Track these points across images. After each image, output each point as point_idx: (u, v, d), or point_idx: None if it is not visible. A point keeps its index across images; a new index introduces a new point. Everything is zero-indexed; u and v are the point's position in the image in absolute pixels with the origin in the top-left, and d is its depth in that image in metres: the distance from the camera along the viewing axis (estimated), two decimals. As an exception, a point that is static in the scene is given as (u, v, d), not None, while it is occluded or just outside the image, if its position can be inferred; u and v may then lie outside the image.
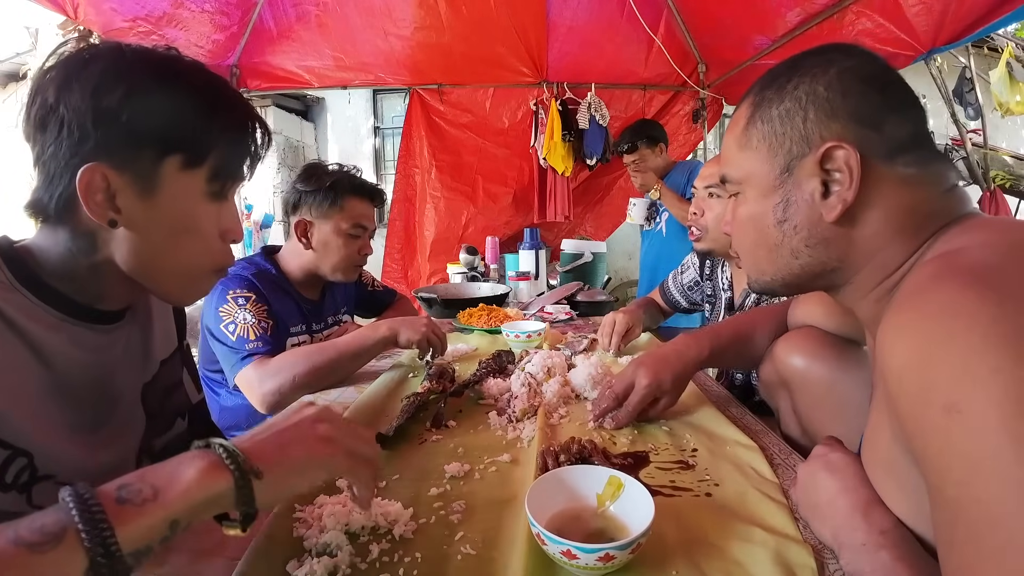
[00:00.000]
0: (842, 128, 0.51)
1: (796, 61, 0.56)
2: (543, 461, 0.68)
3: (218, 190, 0.59)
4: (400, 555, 0.53)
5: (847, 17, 1.99)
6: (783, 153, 0.54)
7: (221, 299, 1.13)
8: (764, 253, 0.58)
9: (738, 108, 0.60)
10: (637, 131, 2.42)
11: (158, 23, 2.25)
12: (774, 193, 0.55)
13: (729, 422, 0.83)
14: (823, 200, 0.52)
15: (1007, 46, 3.13)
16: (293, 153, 5.07)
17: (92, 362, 0.61)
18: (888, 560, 0.45)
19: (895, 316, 0.44)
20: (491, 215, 3.42)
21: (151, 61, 0.56)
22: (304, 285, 1.33)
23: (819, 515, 0.55)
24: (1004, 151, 3.40)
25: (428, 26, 2.82)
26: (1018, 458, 0.33)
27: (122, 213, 0.54)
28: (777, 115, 0.54)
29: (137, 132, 0.53)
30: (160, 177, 0.55)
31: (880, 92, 0.52)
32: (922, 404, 0.39)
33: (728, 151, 0.61)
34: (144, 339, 0.72)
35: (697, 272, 1.49)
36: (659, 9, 2.77)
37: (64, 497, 0.35)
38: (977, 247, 0.44)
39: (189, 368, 0.85)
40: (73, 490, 0.35)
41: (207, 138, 0.57)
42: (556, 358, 1.06)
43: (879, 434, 0.51)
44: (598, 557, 0.47)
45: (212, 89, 0.58)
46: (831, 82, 0.52)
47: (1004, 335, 0.36)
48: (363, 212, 1.31)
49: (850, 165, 0.50)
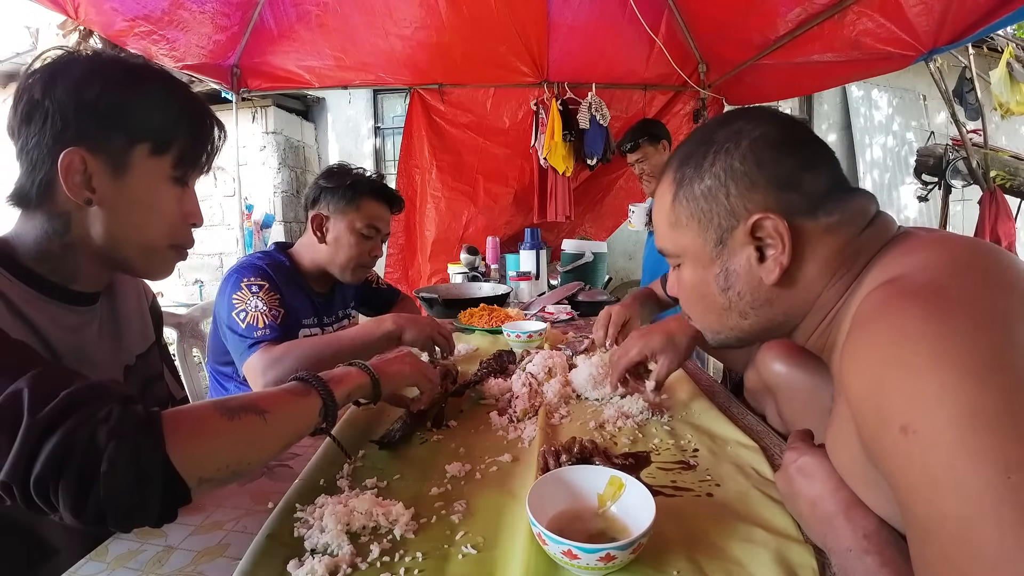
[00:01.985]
0: (763, 197, 0.53)
1: (707, 135, 0.58)
2: (544, 461, 0.68)
3: (180, 175, 0.67)
4: (401, 555, 0.53)
5: (848, 17, 1.99)
6: (713, 228, 0.56)
7: (235, 287, 1.13)
8: (714, 317, 0.61)
9: (661, 182, 0.62)
10: (639, 130, 2.42)
11: (159, 23, 2.25)
12: (712, 264, 0.58)
13: (730, 422, 0.84)
14: (760, 264, 0.55)
15: (1007, 46, 3.13)
16: (294, 153, 5.07)
17: (71, 341, 0.65)
18: (874, 565, 0.46)
19: (849, 346, 0.46)
20: (492, 215, 3.42)
21: (124, 64, 0.64)
22: (315, 279, 1.34)
23: (805, 522, 0.55)
24: (1004, 151, 3.40)
25: (429, 26, 2.82)
26: (976, 471, 0.33)
27: (96, 192, 0.61)
28: (700, 193, 0.56)
29: (111, 121, 0.60)
30: (131, 161, 0.62)
31: (792, 155, 0.54)
32: (881, 428, 0.40)
33: (660, 227, 0.63)
34: (115, 328, 0.75)
35: None
36: (660, 9, 2.77)
37: (301, 377, 0.65)
38: (920, 270, 0.46)
39: (168, 365, 0.87)
40: (304, 374, 0.65)
41: (172, 129, 0.64)
42: (557, 358, 1.06)
43: (846, 446, 0.51)
44: (599, 557, 0.47)
45: (176, 89, 0.67)
46: (745, 155, 0.54)
47: (949, 351, 0.37)
48: (379, 214, 1.33)
49: (779, 232, 0.52)
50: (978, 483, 0.33)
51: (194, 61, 2.59)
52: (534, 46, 2.99)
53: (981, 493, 0.33)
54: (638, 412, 0.88)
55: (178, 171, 0.66)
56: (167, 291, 4.80)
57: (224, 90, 2.94)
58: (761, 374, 0.83)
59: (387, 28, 2.83)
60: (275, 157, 4.81)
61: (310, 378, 0.64)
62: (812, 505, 0.54)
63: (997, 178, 3.09)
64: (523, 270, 2.23)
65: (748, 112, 0.58)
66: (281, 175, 4.86)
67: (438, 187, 3.32)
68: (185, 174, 0.67)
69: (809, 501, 0.54)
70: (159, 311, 0.90)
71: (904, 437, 0.37)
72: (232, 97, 2.97)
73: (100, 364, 0.69)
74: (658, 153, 2.39)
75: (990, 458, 0.33)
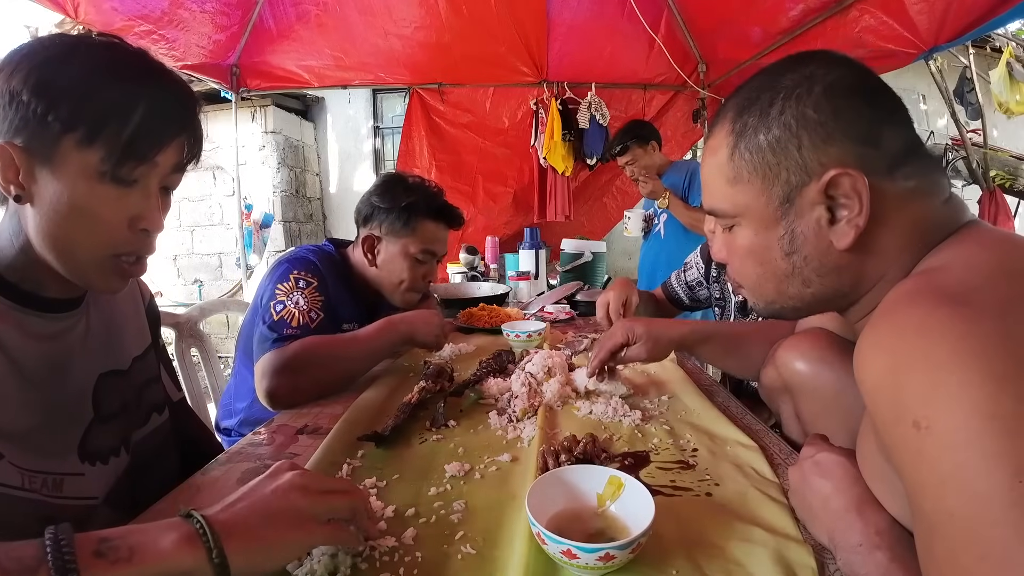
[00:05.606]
0: (840, 151, 0.48)
1: (771, 80, 0.52)
2: (543, 461, 0.68)
3: (114, 171, 0.57)
4: (400, 555, 0.53)
5: (850, 14, 1.99)
6: (780, 184, 0.51)
7: (283, 276, 1.09)
8: (772, 284, 0.56)
9: (713, 134, 0.57)
10: (626, 132, 2.44)
11: (158, 22, 2.26)
12: (776, 225, 0.53)
13: (729, 422, 0.83)
14: (831, 227, 0.50)
15: (1007, 46, 3.12)
16: (293, 153, 5.07)
17: (42, 350, 0.61)
18: (884, 561, 0.45)
19: (870, 333, 0.44)
20: (491, 215, 3.42)
21: (61, 44, 0.57)
22: (366, 285, 1.28)
23: (814, 517, 0.55)
24: (1004, 151, 3.40)
25: (428, 25, 2.82)
26: (988, 473, 0.33)
27: (25, 189, 0.56)
28: (767, 144, 0.51)
29: (36, 110, 0.54)
30: (58, 154, 0.55)
31: (869, 104, 0.50)
32: (895, 420, 0.39)
33: (714, 184, 0.57)
34: (106, 332, 0.71)
35: (701, 273, 1.48)
36: (659, 9, 2.77)
37: (46, 538, 0.37)
38: (961, 266, 0.44)
39: (166, 366, 0.85)
40: (54, 533, 0.37)
41: (99, 114, 0.55)
42: (556, 358, 1.06)
43: (867, 440, 0.51)
44: (598, 557, 0.47)
45: (114, 66, 0.58)
46: (819, 102, 0.49)
47: (972, 351, 0.36)
48: (437, 236, 1.24)
49: (858, 190, 0.48)
50: (989, 485, 0.33)
51: (194, 61, 2.59)
52: (533, 46, 2.99)
53: (991, 495, 0.33)
54: (613, 400, 0.91)
55: (109, 165, 0.56)
56: (166, 291, 4.80)
57: (224, 90, 2.94)
58: (781, 372, 0.79)
59: (386, 28, 2.83)
60: (274, 157, 4.81)
61: (56, 551, 0.36)
62: (824, 499, 0.53)
63: (997, 178, 3.09)
64: (522, 270, 2.23)
65: (818, 55, 0.52)
66: (280, 175, 4.86)
67: (438, 187, 3.31)
68: (122, 169, 0.57)
69: (822, 495, 0.53)
70: (156, 312, 0.87)
71: (917, 432, 0.37)
72: (231, 97, 2.97)
73: (75, 374, 0.65)
74: (647, 154, 2.39)
75: (1002, 461, 0.33)
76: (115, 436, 0.70)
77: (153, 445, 0.76)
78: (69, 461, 0.63)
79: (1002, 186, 3.07)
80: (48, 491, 0.60)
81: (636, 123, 2.53)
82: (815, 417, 0.76)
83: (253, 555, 0.43)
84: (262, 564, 0.44)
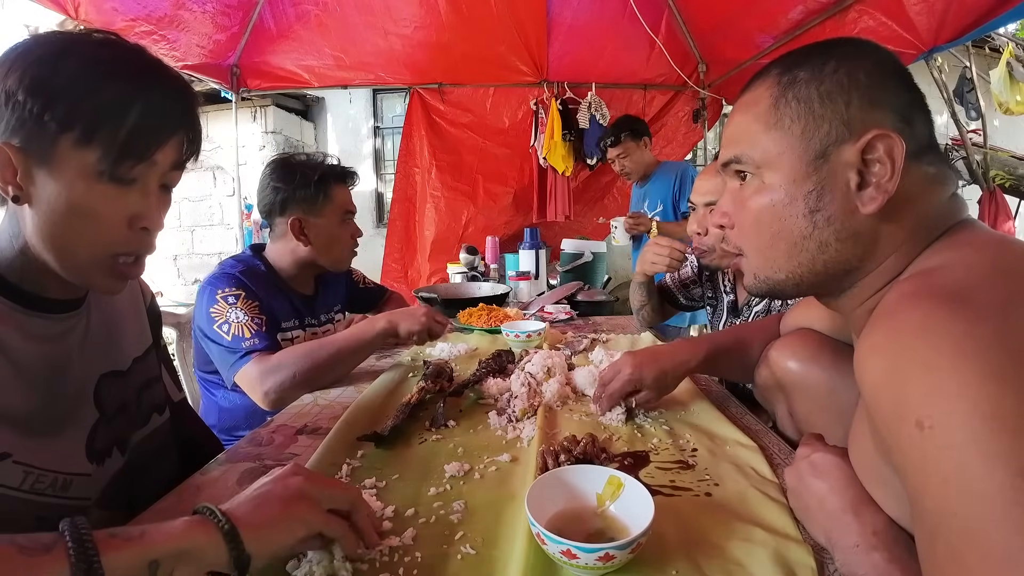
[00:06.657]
0: (883, 118, 0.49)
1: (828, 46, 0.53)
2: (543, 461, 0.68)
3: (112, 170, 0.56)
4: (400, 555, 0.53)
5: (849, 15, 2.00)
6: (819, 136, 0.51)
7: (211, 300, 1.12)
8: (784, 247, 0.54)
9: (755, 87, 0.56)
10: (619, 125, 2.47)
11: (159, 23, 2.26)
12: (806, 180, 0.51)
13: (729, 422, 0.83)
14: (858, 192, 0.50)
15: (1007, 46, 3.12)
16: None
17: (44, 351, 0.61)
18: (881, 562, 0.45)
19: (871, 334, 0.44)
20: (491, 215, 3.42)
21: (57, 41, 0.57)
22: (297, 280, 1.33)
23: (811, 517, 0.55)
24: (1004, 151, 3.40)
25: (428, 25, 2.82)
26: (989, 474, 0.33)
27: (23, 190, 0.55)
28: (818, 95, 0.51)
29: (32, 110, 0.53)
30: (55, 154, 0.55)
31: (909, 89, 0.51)
32: (896, 420, 0.39)
33: (747, 132, 0.55)
34: (106, 333, 0.71)
35: (694, 272, 1.48)
36: (660, 9, 2.78)
37: (61, 525, 0.38)
38: (958, 266, 0.45)
39: (167, 366, 0.85)
40: (70, 520, 0.38)
41: (95, 113, 0.55)
42: (556, 358, 1.06)
43: (862, 441, 0.51)
44: (598, 557, 0.47)
45: (110, 63, 0.57)
46: (871, 71, 0.50)
47: (973, 351, 0.36)
48: (347, 198, 1.34)
49: (893, 156, 0.48)
50: (990, 484, 0.33)
51: (194, 61, 2.59)
52: (534, 46, 2.99)
53: (993, 494, 0.33)
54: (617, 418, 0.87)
55: (107, 164, 0.56)
56: (166, 291, 4.80)
57: (224, 90, 2.94)
58: (774, 372, 0.80)
59: (387, 27, 2.83)
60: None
61: (73, 529, 0.38)
62: (820, 500, 0.53)
63: (997, 178, 3.09)
64: (522, 270, 2.23)
65: (861, 39, 0.54)
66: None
67: (438, 187, 3.32)
68: (120, 168, 0.57)
69: (818, 496, 0.54)
70: (157, 312, 0.87)
71: (919, 432, 0.37)
72: (232, 97, 2.98)
73: (76, 375, 0.65)
74: (639, 149, 2.44)
75: (1004, 460, 0.33)
76: (112, 437, 0.70)
77: (152, 446, 0.76)
78: (79, 461, 0.63)
79: (1002, 186, 3.08)
80: (55, 491, 0.60)
81: (631, 118, 2.56)
82: (808, 415, 0.77)
83: (261, 531, 0.45)
84: (269, 538, 0.46)
